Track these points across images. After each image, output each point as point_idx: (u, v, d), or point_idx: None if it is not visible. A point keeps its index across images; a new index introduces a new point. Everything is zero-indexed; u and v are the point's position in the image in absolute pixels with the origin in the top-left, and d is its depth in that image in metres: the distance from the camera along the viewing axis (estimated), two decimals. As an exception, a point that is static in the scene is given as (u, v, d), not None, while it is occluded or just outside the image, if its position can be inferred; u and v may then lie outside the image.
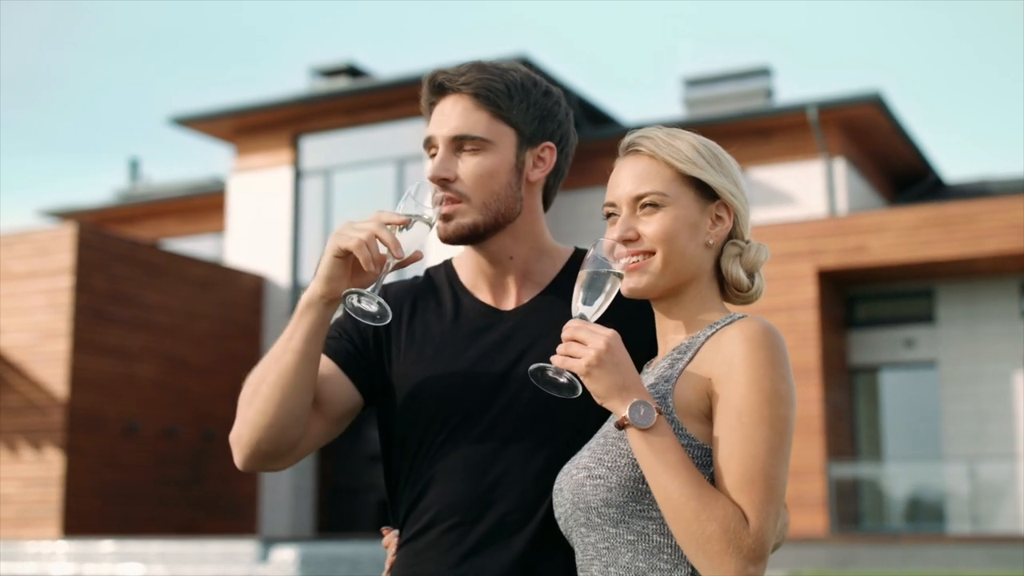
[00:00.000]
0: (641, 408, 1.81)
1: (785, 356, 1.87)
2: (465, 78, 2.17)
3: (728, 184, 2.00)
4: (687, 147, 1.99)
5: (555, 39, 74.32)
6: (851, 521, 18.57)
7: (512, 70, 2.21)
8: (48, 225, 22.54)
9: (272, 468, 2.17)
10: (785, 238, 18.52)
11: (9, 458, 17.05)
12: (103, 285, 17.52)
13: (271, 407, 2.07)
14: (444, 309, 2.23)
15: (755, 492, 1.77)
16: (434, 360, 2.17)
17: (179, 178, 28.73)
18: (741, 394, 1.82)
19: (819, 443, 17.71)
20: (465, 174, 2.13)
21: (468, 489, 2.08)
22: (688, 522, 1.76)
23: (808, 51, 70.08)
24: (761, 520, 1.77)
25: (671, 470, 1.78)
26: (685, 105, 24.45)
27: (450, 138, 2.14)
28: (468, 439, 2.11)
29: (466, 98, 2.16)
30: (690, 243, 1.96)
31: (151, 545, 13.26)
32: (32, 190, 65.81)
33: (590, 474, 1.89)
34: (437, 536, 2.10)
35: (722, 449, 1.81)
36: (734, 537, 1.75)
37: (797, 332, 18.08)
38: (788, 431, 1.83)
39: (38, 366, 17.02)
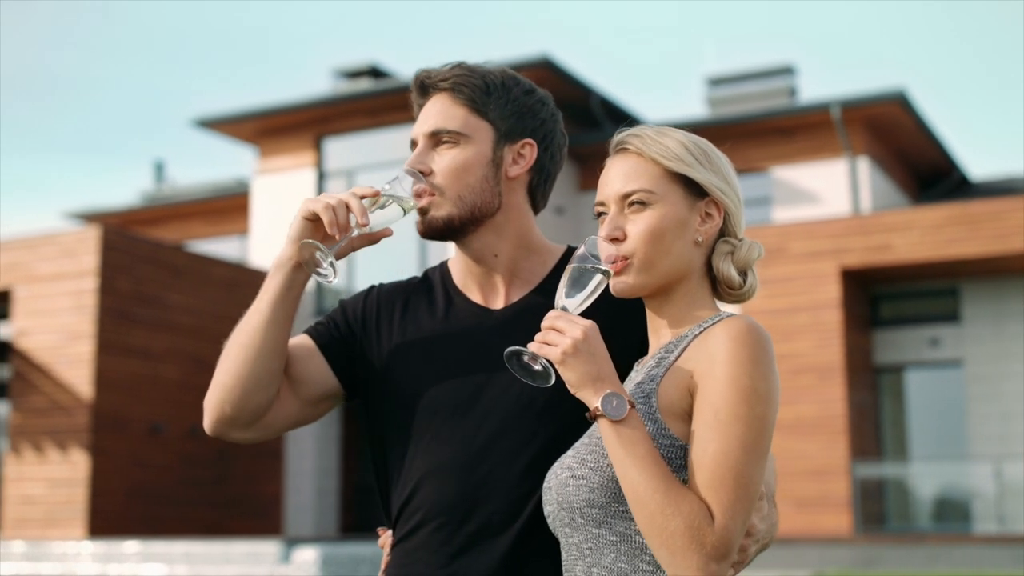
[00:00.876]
0: (614, 400, 1.80)
1: (768, 354, 1.85)
2: (444, 76, 2.20)
3: (717, 181, 1.98)
4: (675, 144, 1.99)
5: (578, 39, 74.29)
6: (876, 521, 18.49)
7: (496, 70, 2.23)
8: (74, 227, 22.69)
9: (239, 437, 2.18)
10: (809, 237, 18.46)
11: (36, 459, 17.16)
12: (128, 287, 17.60)
13: (235, 367, 2.11)
14: (435, 308, 2.24)
15: (724, 490, 1.76)
16: (422, 359, 2.18)
17: (204, 180, 28.86)
18: (719, 391, 1.80)
19: (844, 443, 17.64)
20: (440, 167, 2.16)
21: (455, 489, 2.09)
22: (653, 516, 1.75)
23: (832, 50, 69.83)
24: (727, 518, 1.75)
25: (639, 463, 1.77)
26: (708, 104, 24.41)
27: (428, 133, 2.19)
28: (455, 438, 2.11)
29: (445, 95, 2.20)
30: (678, 241, 1.95)
31: (175, 545, 13.31)
32: (59, 192, 66.25)
33: (573, 474, 1.89)
34: (426, 536, 2.11)
35: (696, 445, 1.80)
36: (697, 534, 1.73)
37: (821, 331, 18.01)
38: (765, 430, 1.81)
39: (64, 367, 17.12)
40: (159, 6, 72.27)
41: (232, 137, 23.45)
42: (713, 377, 1.82)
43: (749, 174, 21.81)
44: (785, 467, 17.90)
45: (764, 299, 18.48)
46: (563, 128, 2.30)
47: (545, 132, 2.24)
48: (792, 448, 17.85)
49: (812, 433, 17.80)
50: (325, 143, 22.10)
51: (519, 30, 70.77)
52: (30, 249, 17.85)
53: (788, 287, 18.39)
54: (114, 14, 70.66)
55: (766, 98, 23.74)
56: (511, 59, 20.49)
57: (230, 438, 2.21)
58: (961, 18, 72.21)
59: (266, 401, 2.14)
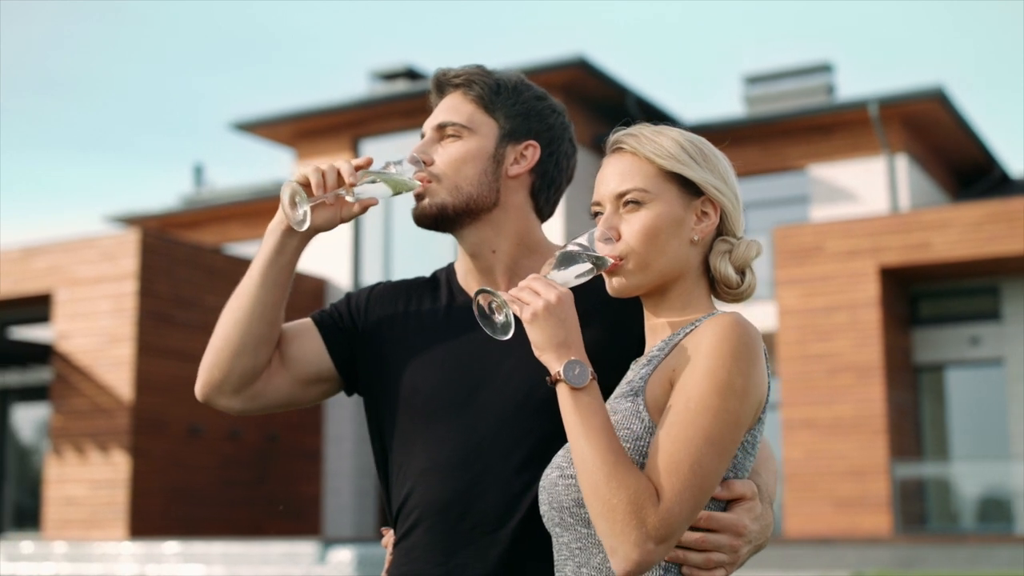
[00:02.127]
0: (576, 367, 1.81)
1: (751, 350, 1.84)
2: (457, 74, 2.26)
3: (714, 180, 1.97)
4: (670, 143, 1.98)
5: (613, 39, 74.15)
6: (916, 521, 18.36)
7: (512, 75, 2.29)
8: (114, 231, 22.89)
9: (227, 404, 2.23)
10: (847, 236, 18.35)
11: (77, 461, 17.33)
12: (167, 289, 17.74)
13: (224, 331, 2.18)
14: (437, 306, 2.26)
15: (678, 476, 1.75)
16: (420, 355, 2.20)
17: (242, 183, 29.03)
18: (695, 382, 1.80)
19: (883, 443, 17.52)
20: (441, 157, 2.21)
21: (450, 486, 2.10)
22: (597, 487, 1.75)
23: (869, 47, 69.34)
24: (673, 502, 1.74)
25: (593, 433, 1.77)
26: (746, 102, 24.33)
27: (435, 126, 2.24)
28: (451, 436, 2.13)
29: (458, 92, 2.26)
30: (673, 240, 1.95)
31: (214, 546, 13.41)
32: (100, 196, 66.83)
33: (562, 473, 1.89)
34: (423, 534, 2.12)
35: (662, 429, 1.79)
36: (639, 511, 1.72)
37: (860, 330, 17.90)
38: (735, 426, 1.80)
39: (104, 370, 17.27)
40: (197, 11, 72.80)
41: (270, 140, 23.59)
42: (692, 368, 1.82)
43: (786, 172, 21.71)
44: (824, 467, 17.80)
45: (801, 298, 18.40)
46: (574, 139, 2.32)
47: (552, 137, 2.27)
48: (831, 448, 17.75)
49: (851, 433, 17.69)
50: (362, 145, 22.18)
51: (554, 30, 70.71)
52: (70, 253, 18.02)
53: (826, 286, 18.29)
54: (153, 19, 71.22)
55: (804, 96, 23.63)
56: (546, 59, 20.48)
57: (218, 405, 2.25)
58: (1000, 13, 71.48)
59: (253, 366, 2.18)
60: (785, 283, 18.61)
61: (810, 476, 17.89)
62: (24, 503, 19.90)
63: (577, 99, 21.31)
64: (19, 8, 63.46)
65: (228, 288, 11.34)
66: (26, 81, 67.63)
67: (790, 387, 18.24)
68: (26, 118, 65.13)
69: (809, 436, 17.97)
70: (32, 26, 65.34)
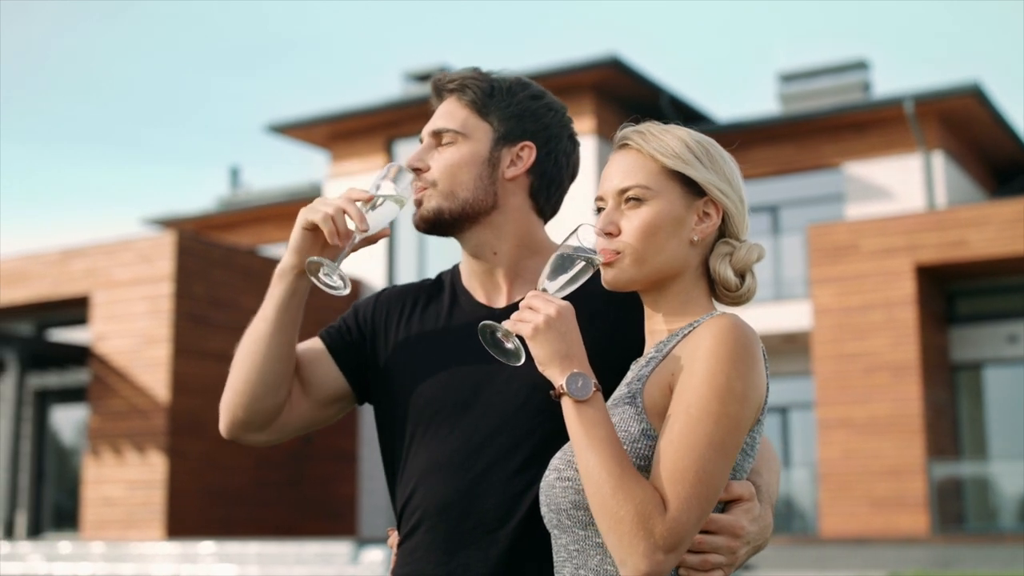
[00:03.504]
0: (579, 379, 1.81)
1: (750, 353, 1.83)
2: (452, 79, 2.26)
3: (718, 181, 1.97)
4: (675, 142, 1.97)
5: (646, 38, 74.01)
6: (954, 521, 18.22)
7: (508, 76, 2.27)
8: (150, 233, 23.06)
9: (255, 440, 2.25)
10: (882, 233, 18.24)
11: (114, 461, 17.46)
12: (203, 291, 17.85)
13: (244, 373, 2.18)
14: (441, 308, 2.28)
15: (684, 484, 1.75)
16: (423, 357, 2.21)
17: (278, 184, 29.17)
18: (694, 387, 1.80)
19: (920, 442, 17.40)
20: (436, 163, 2.22)
21: (452, 487, 2.11)
22: (604, 499, 1.75)
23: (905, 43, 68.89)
24: (680, 511, 1.74)
25: (598, 444, 1.78)
26: (781, 101, 24.22)
27: (431, 132, 2.25)
28: (453, 436, 2.14)
29: (453, 97, 2.26)
30: (671, 239, 1.95)
31: (249, 546, 13.48)
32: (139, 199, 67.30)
33: (560, 476, 1.89)
34: (425, 534, 2.13)
35: (664, 437, 1.79)
36: (647, 522, 1.73)
37: (896, 329, 17.78)
38: (736, 429, 1.80)
39: (141, 371, 17.40)
40: (232, 13, 73.18)
41: (305, 142, 23.69)
42: (691, 373, 1.82)
43: (821, 170, 21.60)
44: (860, 466, 17.70)
45: (837, 297, 18.30)
46: (575, 135, 2.31)
47: (548, 136, 2.26)
48: (866, 447, 17.65)
49: (887, 432, 17.58)
50: (396, 146, 22.23)
51: (587, 30, 70.61)
52: (108, 255, 18.16)
53: (861, 284, 18.18)
54: (189, 21, 71.66)
55: (839, 93, 23.50)
56: (579, 59, 20.47)
57: (246, 441, 2.27)
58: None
59: (276, 405, 2.20)
60: (820, 282, 18.51)
61: (846, 476, 17.79)
62: (63, 504, 20.07)
63: (610, 99, 21.28)
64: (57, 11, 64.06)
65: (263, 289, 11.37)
66: (66, 85, 68.24)
67: (826, 386, 18.15)
68: (65, 121, 65.72)
69: (845, 435, 17.87)
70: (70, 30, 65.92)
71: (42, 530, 19.74)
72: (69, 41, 67.34)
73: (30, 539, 18.08)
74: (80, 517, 18.10)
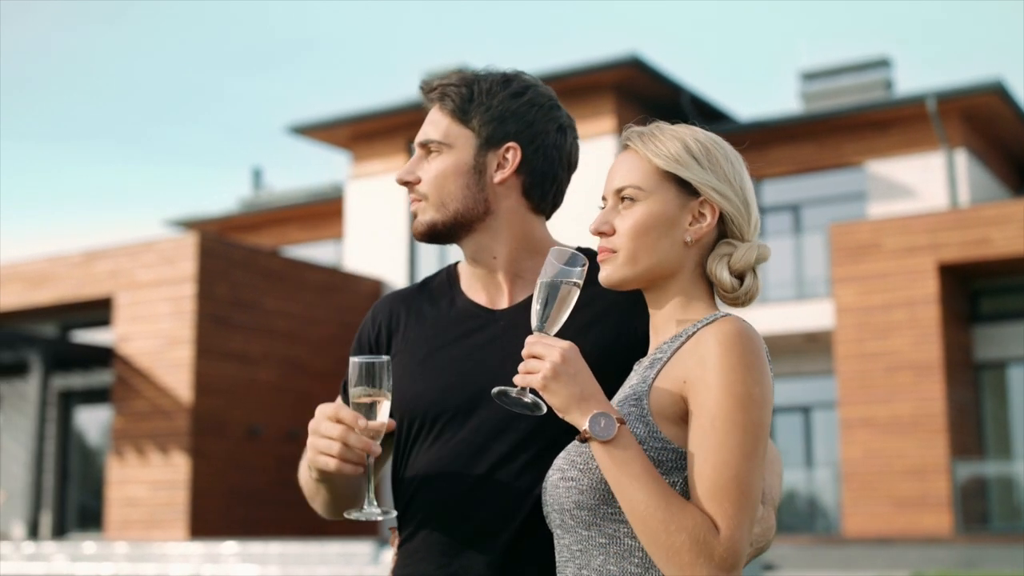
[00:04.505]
0: (602, 420, 1.80)
1: (760, 358, 1.84)
2: (433, 87, 2.25)
3: (714, 182, 1.96)
4: (673, 143, 1.98)
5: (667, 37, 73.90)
6: (978, 521, 18.13)
7: (489, 76, 2.25)
8: (173, 235, 23.17)
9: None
10: (905, 232, 18.17)
11: (138, 462, 17.54)
12: (225, 292, 17.91)
13: (329, 512, 2.26)
14: (440, 312, 2.27)
15: (728, 500, 1.76)
16: (425, 362, 2.21)
17: (300, 186, 29.24)
18: (715, 399, 1.79)
19: (943, 441, 17.32)
20: (425, 176, 2.22)
21: (453, 489, 2.12)
22: (656, 533, 1.75)
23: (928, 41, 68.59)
24: (733, 528, 1.75)
25: (636, 481, 1.77)
26: (802, 99, 24.15)
27: (419, 144, 2.25)
28: (455, 438, 2.14)
29: (437, 105, 2.25)
30: (664, 239, 1.95)
31: (272, 546, 13.52)
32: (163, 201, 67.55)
33: (563, 476, 1.90)
34: (426, 536, 2.14)
35: (696, 456, 1.79)
36: (704, 547, 1.73)
37: (918, 328, 17.71)
38: (763, 435, 1.81)
39: (164, 372, 17.47)
40: (253, 13, 73.40)
41: (326, 143, 23.75)
42: (707, 385, 1.81)
43: (843, 169, 21.53)
44: (883, 466, 17.63)
45: (859, 296, 18.24)
46: (565, 125, 2.28)
47: (533, 134, 2.23)
48: (889, 447, 17.58)
49: (910, 432, 17.51)
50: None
51: (608, 30, 70.50)
52: (131, 257, 18.25)
53: (884, 283, 18.12)
54: (210, 22, 71.92)
55: (861, 92, 23.41)
56: (600, 59, 20.46)
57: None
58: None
59: (356, 492, 2.24)
60: (842, 281, 18.46)
61: (869, 475, 17.73)
62: (88, 504, 20.18)
63: (631, 98, 21.27)
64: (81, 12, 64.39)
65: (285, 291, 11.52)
66: (90, 86, 68.57)
67: (848, 386, 18.09)
68: (88, 123, 66.05)
69: (868, 435, 17.81)
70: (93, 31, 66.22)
71: (67, 530, 19.85)
72: (92, 43, 67.69)
73: (55, 539, 18.18)
74: (104, 517, 18.19)
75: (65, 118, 67.79)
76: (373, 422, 1.99)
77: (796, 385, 21.29)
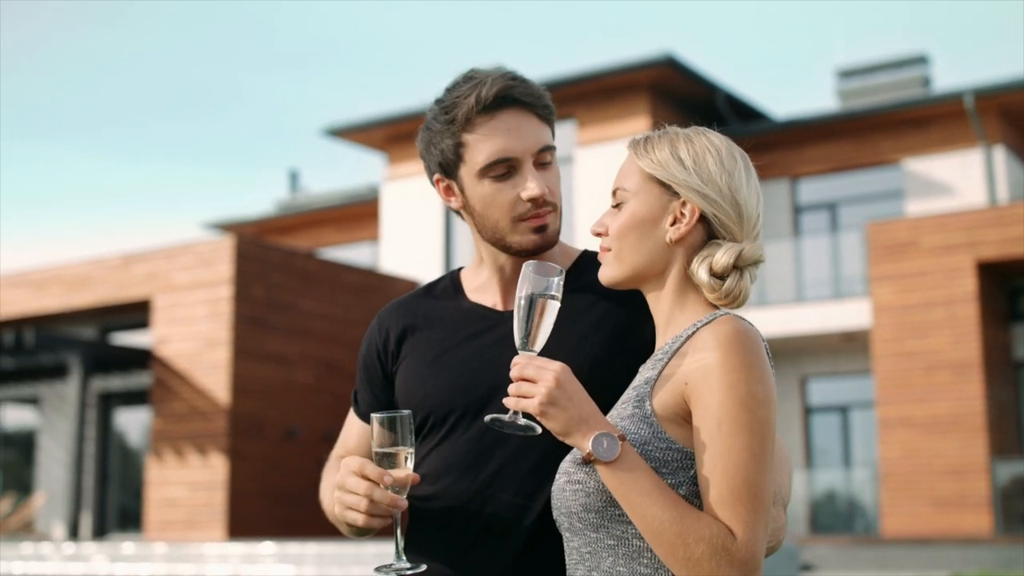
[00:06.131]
0: (604, 441, 1.80)
1: (760, 356, 1.84)
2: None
3: (695, 183, 1.96)
4: (664, 147, 2.00)
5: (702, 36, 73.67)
6: (1018, 521, 17.97)
7: (430, 108, 2.27)
8: (210, 237, 23.31)
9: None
10: (943, 230, 18.04)
11: (176, 463, 17.66)
12: (262, 294, 18.00)
13: (353, 536, 2.22)
14: (448, 314, 2.29)
15: (741, 503, 1.76)
16: (434, 363, 2.23)
17: (336, 188, 29.37)
18: (718, 402, 1.79)
19: (983, 441, 17.19)
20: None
21: (465, 487, 2.14)
22: (674, 547, 1.75)
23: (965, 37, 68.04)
24: (749, 531, 1.75)
25: (647, 497, 1.77)
26: (839, 97, 24.02)
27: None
28: (466, 438, 2.16)
29: None
30: (647, 239, 1.98)
31: (308, 547, 13.57)
32: (200, 203, 68.01)
33: (569, 479, 1.90)
34: (436, 532, 2.16)
35: (706, 461, 1.79)
36: (724, 554, 1.73)
37: (957, 326, 17.58)
38: (769, 434, 1.81)
39: (202, 373, 17.58)
40: (289, 17, 73.72)
41: (362, 145, 23.83)
42: (708, 387, 1.81)
43: (881, 167, 21.41)
44: (922, 466, 17.51)
45: (897, 294, 18.13)
46: (457, 128, 2.21)
47: (435, 164, 2.26)
48: (928, 446, 17.46)
49: (949, 431, 17.39)
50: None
51: (642, 29, 70.43)
52: (168, 259, 18.37)
53: (921, 282, 18.00)
54: (248, 25, 72.32)
55: (898, 89, 23.27)
56: (634, 58, 20.43)
57: None
58: (1107, -1, 69.56)
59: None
60: (880, 279, 18.35)
61: (908, 475, 17.62)
62: (128, 505, 20.35)
63: (666, 98, 21.22)
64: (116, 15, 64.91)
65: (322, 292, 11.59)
66: (129, 91, 69.10)
67: (886, 385, 17.99)
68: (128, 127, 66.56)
69: (906, 435, 17.70)
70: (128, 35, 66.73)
71: (107, 531, 20.02)
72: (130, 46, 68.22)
73: (95, 540, 18.33)
74: (143, 518, 18.32)
75: (105, 121, 68.39)
76: (399, 475, 2.01)
77: (833, 385, 21.20)
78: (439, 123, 2.23)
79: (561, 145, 20.55)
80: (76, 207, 67.54)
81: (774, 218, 21.74)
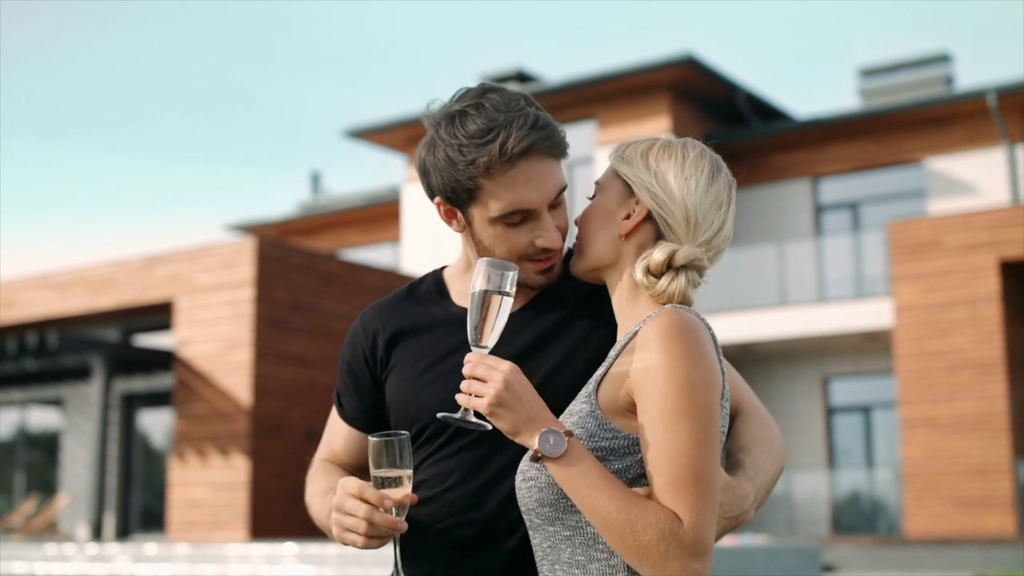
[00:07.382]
0: (551, 438, 1.84)
1: (698, 343, 1.85)
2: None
3: (648, 181, 2.00)
4: (639, 147, 2.05)
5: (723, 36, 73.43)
6: (1043, 521, 17.88)
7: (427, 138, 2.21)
8: (232, 239, 23.39)
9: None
10: (966, 229, 17.96)
11: (199, 464, 17.72)
12: (283, 295, 18.05)
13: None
14: (436, 320, 2.27)
15: (686, 489, 1.77)
16: (426, 373, 2.21)
17: (357, 189, 29.42)
18: (659, 391, 1.82)
19: (1006, 441, 17.10)
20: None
21: (461, 493, 2.14)
22: (623, 536, 1.78)
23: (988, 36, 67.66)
24: (696, 515, 1.76)
25: (594, 489, 1.81)
26: (861, 96, 23.95)
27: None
28: (461, 445, 2.16)
29: None
30: (601, 231, 2.04)
31: (330, 547, 13.60)
32: (223, 204, 68.25)
33: (524, 476, 1.94)
34: (432, 539, 2.16)
35: (650, 450, 1.81)
36: (672, 539, 1.75)
37: (980, 326, 17.49)
38: (712, 418, 1.82)
39: (224, 375, 17.64)
40: (312, 19, 73.93)
41: (382, 146, 23.87)
42: (648, 377, 1.84)
43: (903, 166, 21.33)
44: (944, 466, 17.43)
45: (919, 294, 18.05)
46: (451, 152, 2.11)
47: (435, 184, 2.16)
48: (951, 447, 17.38)
49: (972, 431, 17.30)
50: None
51: (663, 30, 70.24)
52: (190, 261, 18.44)
53: (944, 281, 17.92)
54: (268, 26, 72.50)
55: (920, 87, 23.17)
56: (655, 58, 20.40)
57: None
58: None
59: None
60: (902, 279, 18.28)
61: (930, 476, 17.54)
62: (151, 505, 20.44)
63: (686, 98, 21.17)
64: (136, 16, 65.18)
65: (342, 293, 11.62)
66: (151, 93, 69.40)
67: (908, 385, 17.92)
68: (150, 129, 66.84)
69: (929, 435, 17.62)
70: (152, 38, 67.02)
71: (130, 532, 20.11)
72: (149, 47, 68.50)
73: (118, 541, 18.42)
74: (166, 519, 18.40)
75: (126, 123, 68.68)
76: (398, 496, 2.01)
77: (856, 385, 21.13)
78: (452, 152, 2.10)
79: (581, 145, 20.54)
80: (99, 209, 67.87)
81: (795, 218, 21.69)
